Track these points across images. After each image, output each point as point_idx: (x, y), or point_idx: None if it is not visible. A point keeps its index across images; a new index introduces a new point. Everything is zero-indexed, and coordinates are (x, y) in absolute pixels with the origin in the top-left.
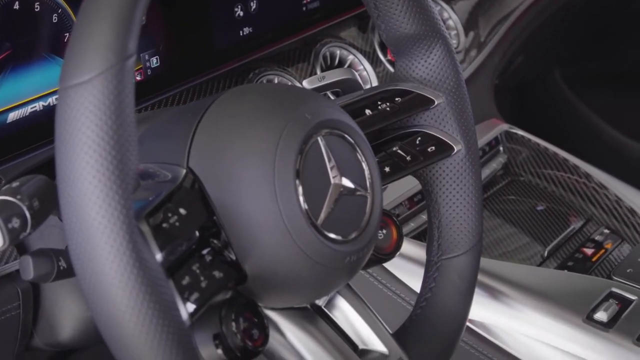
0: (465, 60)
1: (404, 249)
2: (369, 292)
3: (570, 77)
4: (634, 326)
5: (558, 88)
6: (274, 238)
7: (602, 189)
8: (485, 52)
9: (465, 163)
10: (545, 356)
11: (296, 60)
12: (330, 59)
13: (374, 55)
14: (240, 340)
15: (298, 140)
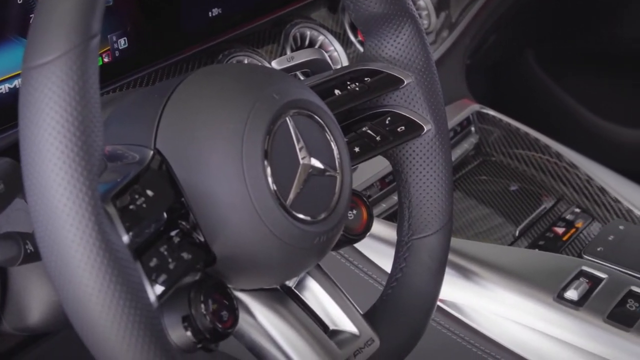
0: (437, 40)
1: (374, 229)
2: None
3: (543, 57)
4: (604, 304)
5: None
6: (242, 219)
7: (573, 169)
8: (456, 33)
9: (435, 143)
10: (516, 335)
11: (266, 42)
12: (301, 40)
13: (344, 36)
14: (210, 322)
15: (266, 121)
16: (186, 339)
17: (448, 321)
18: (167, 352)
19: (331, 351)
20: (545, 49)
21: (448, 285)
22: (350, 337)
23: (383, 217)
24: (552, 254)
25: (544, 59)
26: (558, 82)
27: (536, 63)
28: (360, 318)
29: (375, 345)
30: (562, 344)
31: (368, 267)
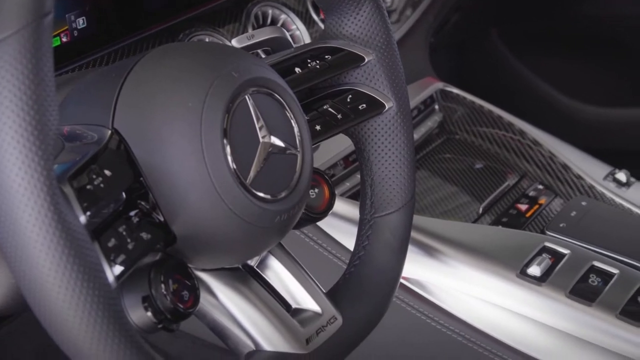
0: (400, 19)
1: (337, 207)
2: (303, 251)
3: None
4: (566, 280)
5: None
6: (202, 198)
7: (536, 146)
8: (419, 11)
9: (397, 120)
10: (480, 311)
11: (228, 20)
12: (263, 19)
13: (306, 15)
14: (170, 302)
15: (225, 99)
16: (146, 319)
17: (412, 299)
18: (126, 332)
19: (294, 330)
20: (509, 28)
21: (412, 263)
22: (313, 316)
23: (347, 195)
24: (515, 231)
25: (508, 38)
26: (522, 60)
27: (500, 42)
28: (323, 296)
29: (337, 323)
30: (525, 320)
31: (332, 245)
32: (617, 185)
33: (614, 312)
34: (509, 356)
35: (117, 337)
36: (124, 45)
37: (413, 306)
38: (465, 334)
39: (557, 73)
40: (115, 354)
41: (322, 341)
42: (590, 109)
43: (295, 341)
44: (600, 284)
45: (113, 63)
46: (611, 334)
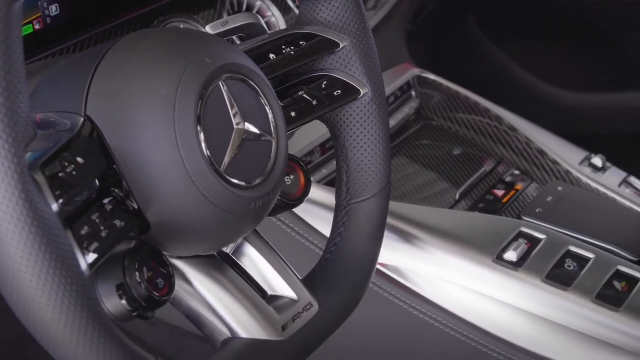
0: (377, 6)
1: (314, 194)
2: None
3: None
4: (542, 265)
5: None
6: (176, 185)
7: (513, 132)
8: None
9: (372, 106)
10: (457, 297)
11: (203, 7)
12: (238, 5)
13: (282, 2)
14: (145, 290)
15: (198, 86)
16: (121, 307)
17: (389, 285)
18: (100, 320)
19: (269, 317)
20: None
21: (389, 250)
22: (289, 303)
23: (324, 182)
24: (491, 216)
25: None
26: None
27: (478, 28)
28: (299, 283)
29: (314, 310)
30: (502, 305)
31: (308, 232)
32: (593, 170)
33: (590, 297)
34: (486, 341)
35: (91, 326)
36: (97, 32)
37: (390, 292)
38: (442, 319)
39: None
40: (89, 342)
41: (298, 328)
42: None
43: (271, 328)
44: (576, 269)
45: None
46: (587, 319)
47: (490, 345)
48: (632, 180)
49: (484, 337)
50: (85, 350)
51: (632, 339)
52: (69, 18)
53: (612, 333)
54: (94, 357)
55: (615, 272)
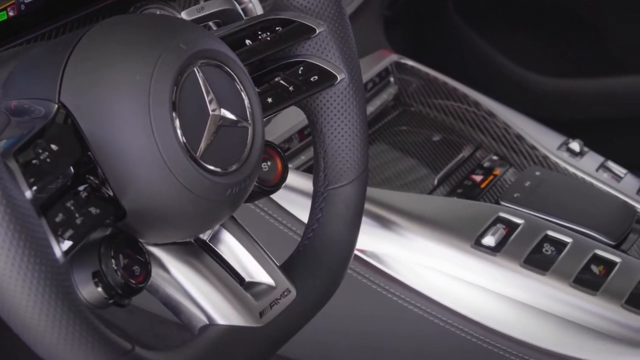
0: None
1: (291, 180)
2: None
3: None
4: (520, 249)
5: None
6: (151, 172)
7: (491, 117)
8: None
9: (349, 92)
10: (435, 282)
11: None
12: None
13: None
14: (121, 277)
15: (173, 72)
16: (97, 295)
17: (367, 271)
18: (75, 307)
19: (247, 303)
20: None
21: (367, 236)
22: (267, 289)
23: (302, 169)
24: (470, 202)
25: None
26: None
27: (456, 14)
28: (277, 269)
29: (291, 296)
30: (480, 290)
31: (286, 218)
32: (571, 154)
33: (567, 281)
34: (464, 326)
35: (65, 313)
36: (72, 19)
37: (369, 278)
38: (420, 304)
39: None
40: (63, 330)
41: (275, 314)
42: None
43: (249, 314)
44: (554, 253)
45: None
46: (565, 303)
47: (468, 329)
48: (609, 165)
49: (462, 321)
50: (60, 337)
51: (609, 322)
52: (43, 5)
53: (589, 316)
54: (68, 344)
55: (593, 256)
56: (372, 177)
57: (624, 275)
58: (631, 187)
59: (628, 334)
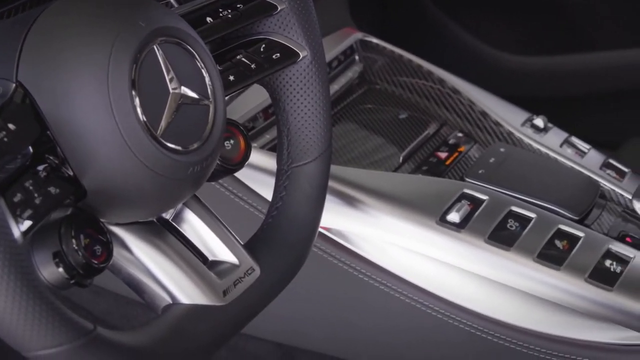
0: None
1: (256, 159)
2: (222, 203)
3: None
4: (485, 225)
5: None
6: (111, 151)
7: (456, 94)
8: None
9: (312, 69)
10: (401, 259)
11: None
12: None
13: None
14: (82, 257)
15: (132, 49)
16: (58, 275)
17: (333, 249)
18: (35, 288)
19: (210, 282)
20: None
21: (333, 214)
22: (230, 267)
23: (267, 148)
24: (435, 179)
25: None
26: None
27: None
28: (240, 248)
29: (255, 274)
30: (445, 266)
31: (251, 197)
32: (535, 131)
33: (531, 256)
34: (430, 302)
35: (25, 293)
36: None
37: (335, 256)
38: (386, 281)
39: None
40: (23, 310)
41: (239, 292)
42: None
43: (212, 293)
44: (518, 229)
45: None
46: (529, 277)
47: (433, 305)
48: (573, 140)
49: (427, 297)
50: (20, 317)
51: (573, 296)
52: None
53: (553, 291)
54: (28, 324)
55: (557, 231)
56: (338, 156)
57: (587, 250)
58: (595, 162)
59: (591, 308)
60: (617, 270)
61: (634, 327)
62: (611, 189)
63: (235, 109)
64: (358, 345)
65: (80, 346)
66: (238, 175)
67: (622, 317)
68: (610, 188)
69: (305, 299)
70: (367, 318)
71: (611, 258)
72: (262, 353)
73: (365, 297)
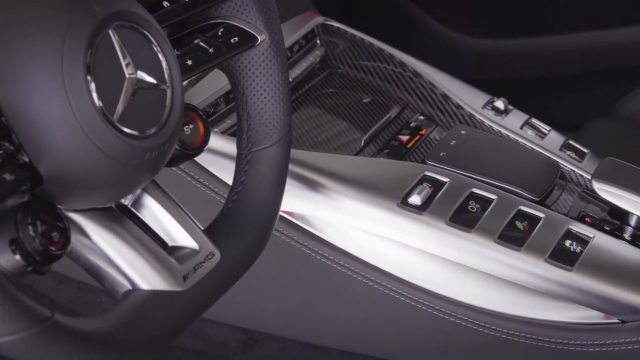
0: None
1: (217, 144)
2: (183, 188)
3: None
4: (446, 208)
5: None
6: (67, 137)
7: (417, 77)
8: None
9: (271, 53)
10: (363, 243)
11: None
12: None
13: None
14: (39, 244)
15: (86, 34)
16: (15, 262)
17: (295, 233)
18: None
19: (170, 267)
20: None
21: (294, 197)
22: (190, 252)
23: (229, 133)
24: (396, 162)
25: None
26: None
27: None
28: (200, 233)
29: (215, 259)
30: (407, 249)
31: (212, 182)
32: (496, 113)
33: (492, 237)
34: (392, 285)
35: None
36: None
37: (297, 240)
38: (349, 265)
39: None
40: None
41: (199, 277)
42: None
43: (172, 278)
44: (479, 211)
45: None
46: (490, 259)
47: (396, 288)
48: (533, 122)
49: (390, 280)
50: None
51: (533, 277)
52: None
53: (514, 272)
54: None
55: (517, 212)
56: (301, 141)
57: (547, 231)
58: (555, 143)
59: (551, 288)
60: (577, 250)
61: (593, 307)
62: (571, 170)
63: (197, 94)
64: (322, 329)
65: (37, 333)
66: (199, 160)
67: (582, 297)
68: (570, 169)
69: (269, 284)
70: (331, 301)
71: (571, 238)
72: (227, 338)
73: (328, 280)
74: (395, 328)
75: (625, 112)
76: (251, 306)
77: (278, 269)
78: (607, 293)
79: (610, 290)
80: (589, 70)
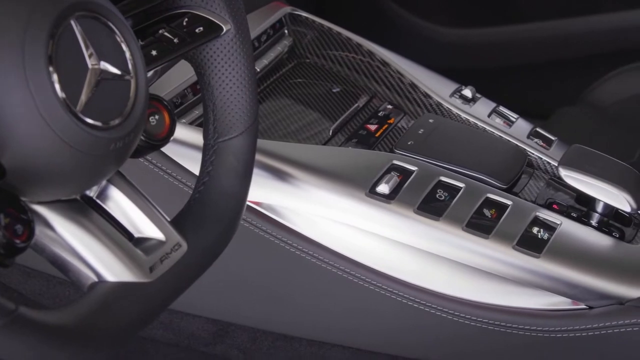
0: None
1: (183, 134)
2: (149, 179)
3: None
4: (414, 196)
5: None
6: (30, 129)
7: (385, 66)
8: None
9: (236, 43)
10: (332, 232)
11: None
12: None
13: None
14: (3, 237)
15: (48, 24)
16: None
17: (264, 223)
18: None
19: (136, 258)
20: None
21: (263, 188)
22: (157, 244)
23: (197, 124)
24: (364, 151)
25: None
26: None
27: None
28: (166, 224)
29: (182, 250)
30: (376, 237)
31: (179, 172)
32: (464, 101)
33: (460, 225)
34: (361, 274)
35: None
36: None
37: (266, 230)
38: (318, 254)
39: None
40: None
41: (166, 269)
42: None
43: (138, 270)
44: (447, 199)
45: None
46: (458, 247)
47: (365, 277)
48: (501, 110)
49: (358, 269)
50: None
51: (501, 264)
52: None
53: (482, 259)
54: None
55: (485, 200)
56: (270, 132)
57: (515, 218)
58: (522, 131)
59: (519, 275)
60: (544, 237)
61: (561, 293)
62: (538, 157)
63: (164, 85)
64: (292, 319)
65: (1, 327)
66: (165, 150)
67: (550, 283)
68: (537, 156)
69: (238, 275)
70: (300, 291)
71: (538, 225)
72: (197, 330)
73: (298, 270)
74: (365, 317)
75: (592, 100)
76: (221, 297)
77: (247, 259)
78: (575, 279)
79: (577, 277)
80: (556, 58)
